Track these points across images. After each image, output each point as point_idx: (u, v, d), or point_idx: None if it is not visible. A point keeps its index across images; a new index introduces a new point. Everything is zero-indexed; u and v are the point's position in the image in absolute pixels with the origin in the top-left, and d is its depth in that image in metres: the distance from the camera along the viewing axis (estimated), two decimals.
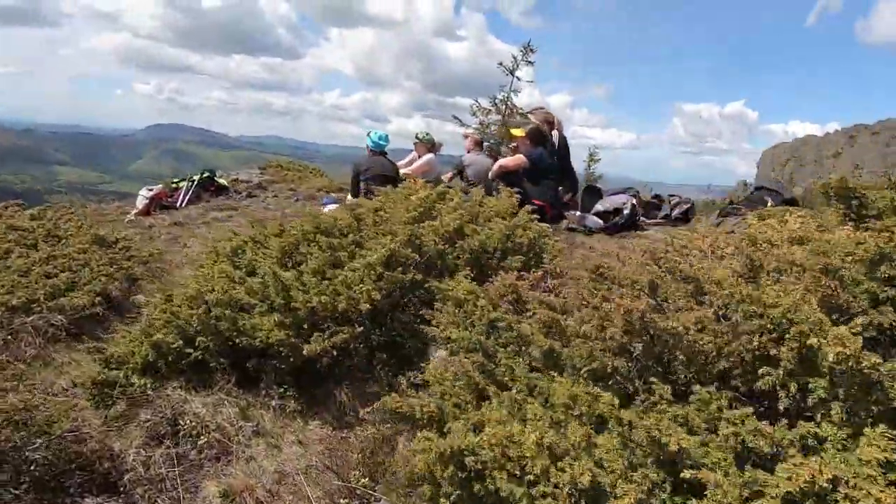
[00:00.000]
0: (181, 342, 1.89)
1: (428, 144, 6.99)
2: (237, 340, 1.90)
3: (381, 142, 5.60)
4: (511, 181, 5.24)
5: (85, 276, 2.86)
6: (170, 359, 1.89)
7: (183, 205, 7.98)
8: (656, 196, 5.35)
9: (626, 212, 4.51)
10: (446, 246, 2.17)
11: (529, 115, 6.35)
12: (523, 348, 1.55)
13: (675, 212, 5.32)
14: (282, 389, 1.91)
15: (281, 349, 1.80)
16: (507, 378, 1.48)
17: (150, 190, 8.10)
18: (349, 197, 6.15)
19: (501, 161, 5.28)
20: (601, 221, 4.55)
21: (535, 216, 2.72)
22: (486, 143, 7.18)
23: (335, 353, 1.84)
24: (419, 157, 6.92)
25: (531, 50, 12.90)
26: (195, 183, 8.40)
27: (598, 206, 4.79)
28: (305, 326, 1.88)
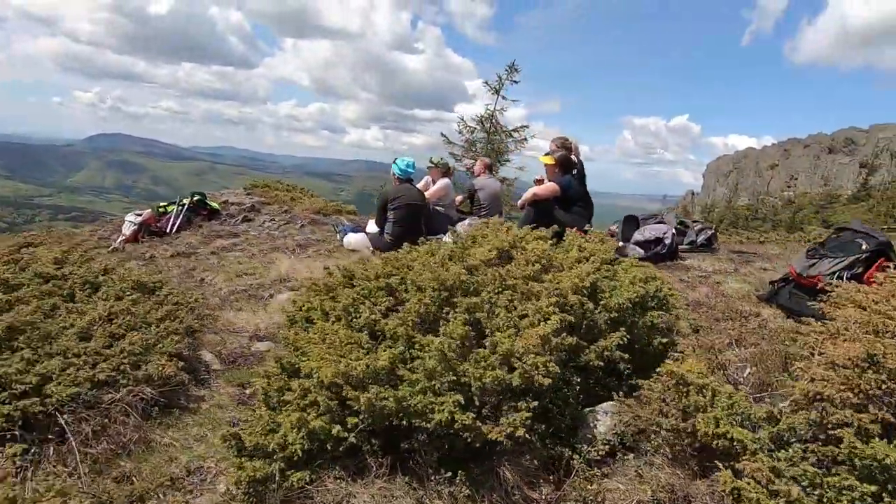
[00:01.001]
0: (338, 427, 1.69)
1: (443, 169, 6.90)
2: (399, 422, 1.72)
3: (408, 169, 5.45)
4: (543, 209, 5.22)
5: (151, 334, 2.57)
6: (328, 446, 1.70)
7: (173, 230, 7.51)
8: (681, 223, 5.46)
9: (667, 241, 4.57)
10: (590, 303, 2.08)
11: (551, 144, 6.37)
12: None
13: (700, 238, 5.44)
14: (449, 474, 1.75)
15: (463, 432, 1.64)
16: None
17: (138, 215, 7.59)
18: (370, 225, 5.95)
19: (535, 189, 5.24)
20: (642, 251, 4.58)
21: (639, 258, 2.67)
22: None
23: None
24: (433, 181, 6.82)
25: (516, 70, 13.10)
26: (185, 207, 7.93)
27: (638, 236, 4.82)
28: (477, 404, 1.73)
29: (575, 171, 5.49)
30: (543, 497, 1.82)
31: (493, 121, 13.45)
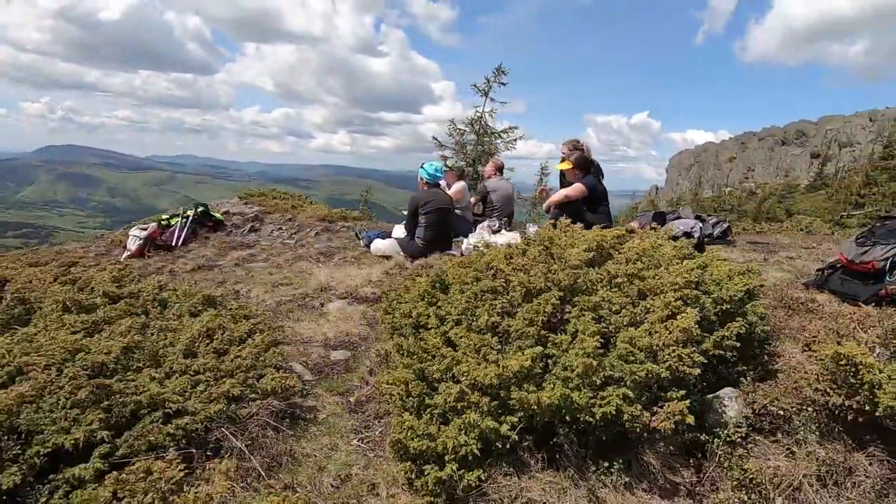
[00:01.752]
0: (506, 426, 1.76)
1: (458, 172, 6.98)
2: (552, 418, 1.81)
3: (437, 174, 5.51)
4: (573, 210, 5.37)
5: (253, 347, 2.56)
6: (496, 446, 1.76)
7: (179, 243, 7.34)
8: (698, 216, 5.71)
9: (696, 235, 4.78)
10: (704, 297, 2.21)
11: (562, 147, 6.53)
12: None
13: (717, 231, 5.70)
14: (606, 464, 1.84)
15: (629, 423, 1.74)
16: None
17: (144, 229, 7.37)
18: (397, 230, 5.97)
19: (564, 191, 5.38)
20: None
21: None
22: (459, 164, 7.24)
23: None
24: (449, 184, 6.89)
25: (503, 72, 13.28)
26: (190, 219, 7.75)
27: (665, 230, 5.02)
28: (631, 396, 1.83)
29: (592, 170, 5.66)
30: (686, 480, 1.94)
31: (483, 123, 13.61)
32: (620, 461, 1.90)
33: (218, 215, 8.23)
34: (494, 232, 6.54)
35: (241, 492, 1.66)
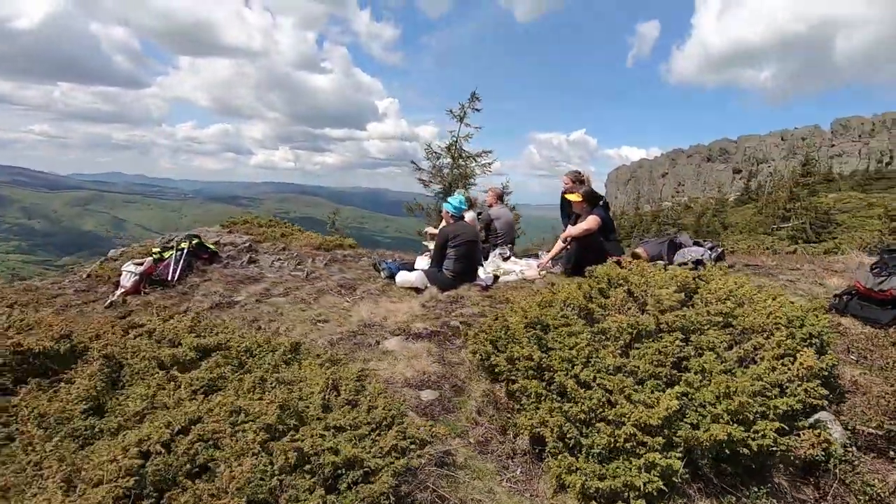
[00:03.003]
0: (678, 461, 1.99)
1: (468, 202, 7.22)
2: (711, 450, 2.06)
3: (461, 206, 5.73)
4: (592, 241, 5.76)
5: (378, 399, 2.64)
6: (675, 480, 1.98)
7: (175, 277, 7.10)
8: (696, 242, 6.25)
9: (705, 262, 5.27)
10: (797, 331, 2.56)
11: (564, 177, 6.95)
12: None
13: (713, 254, 6.27)
14: (755, 488, 2.11)
15: (781, 453, 2.01)
16: None
17: (139, 264, 7.07)
18: (420, 261, 6.09)
19: (584, 225, 5.73)
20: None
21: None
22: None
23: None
24: None
25: (477, 98, 13.77)
26: (184, 252, 7.52)
27: (679, 258, 5.49)
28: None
29: (602, 202, 6.08)
30: (810, 497, 2.24)
31: (458, 147, 13.99)
32: (760, 486, 2.17)
33: (212, 247, 8.01)
34: (505, 259, 6.83)
35: None
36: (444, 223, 7.40)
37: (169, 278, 7.01)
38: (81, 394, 2.39)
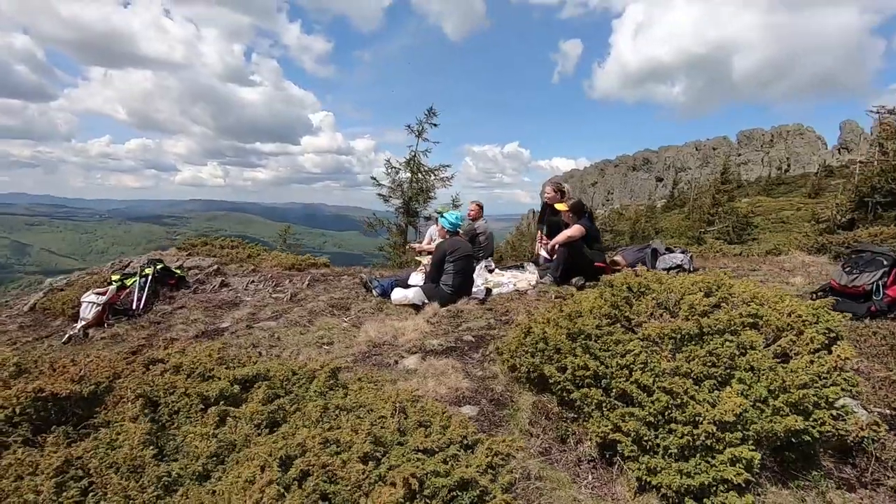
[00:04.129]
0: (756, 454, 2.17)
1: None
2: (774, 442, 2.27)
3: (458, 222, 5.80)
4: (576, 249, 6.03)
5: (451, 420, 2.64)
6: (755, 471, 2.15)
7: (141, 306, 6.67)
8: (668, 249, 6.72)
9: (686, 267, 5.68)
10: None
11: (546, 187, 7.24)
12: None
13: (691, 261, 6.76)
14: (813, 472, 2.33)
15: (838, 439, 2.24)
16: None
17: (101, 293, 6.56)
18: (414, 277, 6.06)
19: (568, 232, 6.00)
20: None
21: None
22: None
23: None
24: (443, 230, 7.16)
25: (434, 114, 13.95)
26: (149, 278, 7.08)
27: (661, 265, 5.88)
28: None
29: (587, 213, 6.40)
30: (850, 475, 2.51)
31: (417, 161, 14.07)
32: (814, 470, 2.41)
33: (179, 272, 7.55)
34: (490, 272, 6.97)
35: None
36: (428, 239, 7.47)
37: (134, 307, 6.54)
38: (142, 438, 2.22)
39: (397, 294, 5.71)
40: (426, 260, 6.32)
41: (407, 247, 7.39)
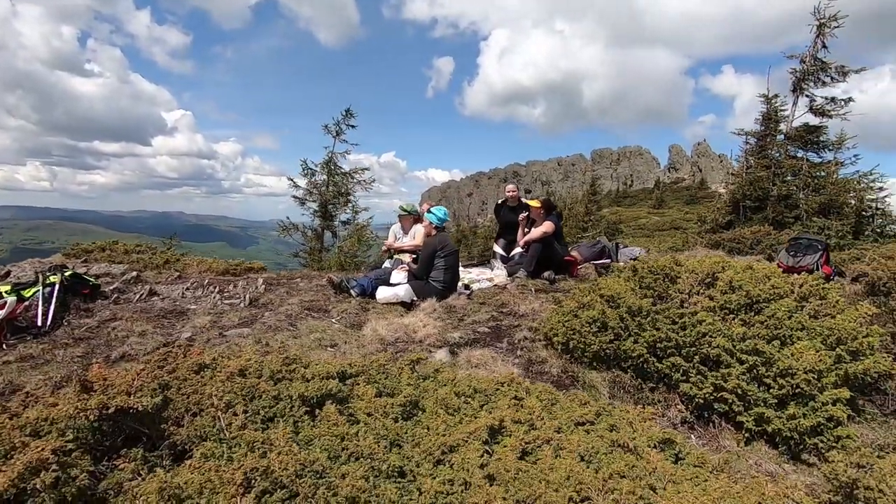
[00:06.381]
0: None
1: (416, 215, 7.15)
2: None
3: (445, 217, 5.74)
4: (548, 244, 6.38)
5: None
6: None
7: (48, 322, 5.57)
8: (617, 244, 7.42)
9: (642, 257, 6.35)
10: None
11: (508, 186, 7.52)
12: None
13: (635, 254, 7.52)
14: (871, 409, 2.81)
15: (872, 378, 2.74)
16: None
17: None
18: (396, 275, 5.80)
19: (543, 228, 6.31)
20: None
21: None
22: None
23: None
24: (407, 228, 6.99)
25: (352, 115, 13.56)
26: (55, 287, 5.90)
27: (622, 257, 6.47)
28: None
29: (556, 211, 6.81)
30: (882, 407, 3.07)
31: (334, 164, 13.52)
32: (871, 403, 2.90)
33: (93, 280, 6.35)
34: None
35: None
36: (392, 237, 7.24)
37: (39, 323, 5.36)
38: (290, 445, 1.89)
39: (384, 292, 5.47)
40: (408, 258, 6.16)
41: (382, 246, 7.11)
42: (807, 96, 11.09)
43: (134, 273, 6.97)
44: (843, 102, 10.82)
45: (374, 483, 1.59)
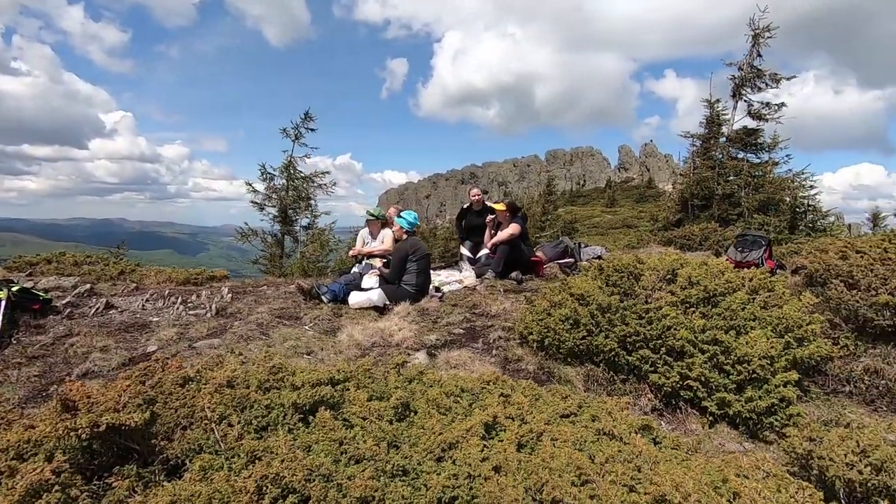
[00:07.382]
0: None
1: (383, 220, 7.16)
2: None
3: (415, 222, 5.81)
4: (514, 245, 6.58)
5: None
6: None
7: None
8: (578, 244, 7.72)
9: (605, 257, 6.64)
10: None
11: (472, 190, 7.68)
12: None
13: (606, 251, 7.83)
14: (815, 389, 3.10)
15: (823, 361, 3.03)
16: None
17: None
18: (367, 280, 5.80)
19: (511, 230, 6.50)
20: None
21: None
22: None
23: None
24: (375, 233, 6.99)
25: (311, 118, 13.40)
26: (2, 304, 5.60)
27: (585, 255, 6.74)
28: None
29: (521, 213, 7.01)
30: (824, 387, 3.40)
31: (293, 168, 13.30)
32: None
33: (44, 294, 6.02)
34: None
35: None
36: (361, 242, 7.22)
37: None
38: (294, 452, 1.93)
39: (357, 297, 5.49)
40: (379, 262, 6.18)
41: (349, 252, 7.09)
42: (745, 101, 11.94)
43: (87, 286, 6.64)
44: (776, 107, 11.72)
45: (384, 482, 1.66)
